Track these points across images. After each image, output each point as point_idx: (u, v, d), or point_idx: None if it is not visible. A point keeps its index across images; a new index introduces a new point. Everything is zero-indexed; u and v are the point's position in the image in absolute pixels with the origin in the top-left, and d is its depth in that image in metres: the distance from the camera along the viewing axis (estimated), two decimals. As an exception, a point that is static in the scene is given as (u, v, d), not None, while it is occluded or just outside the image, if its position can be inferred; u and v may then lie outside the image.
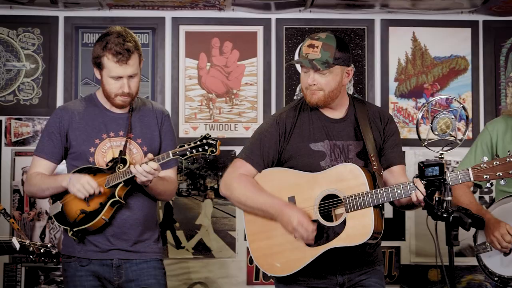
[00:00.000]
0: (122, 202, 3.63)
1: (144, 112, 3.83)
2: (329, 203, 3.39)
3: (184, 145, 3.53)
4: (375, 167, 3.41)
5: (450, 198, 2.95)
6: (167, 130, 3.86)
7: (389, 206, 3.63)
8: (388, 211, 4.97)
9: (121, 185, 3.60)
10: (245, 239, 5.10)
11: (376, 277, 3.53)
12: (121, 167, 3.61)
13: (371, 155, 3.43)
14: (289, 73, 5.20)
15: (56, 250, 3.57)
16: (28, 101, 5.13)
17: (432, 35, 5.26)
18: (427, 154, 4.40)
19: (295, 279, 3.47)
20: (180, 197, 5.13)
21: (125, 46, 3.61)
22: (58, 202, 3.71)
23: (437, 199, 2.97)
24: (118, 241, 3.69)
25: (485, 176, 3.22)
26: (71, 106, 3.84)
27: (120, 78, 3.64)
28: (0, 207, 4.38)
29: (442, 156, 2.96)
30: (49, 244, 3.59)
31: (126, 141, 3.72)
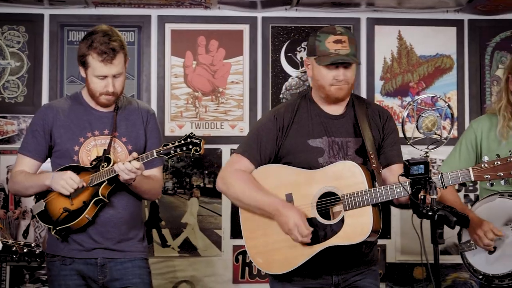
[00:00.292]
0: (106, 200, 3.62)
1: (129, 110, 3.81)
2: (327, 201, 3.36)
3: (168, 144, 3.52)
4: (374, 165, 3.38)
5: (435, 196, 2.95)
6: (152, 129, 3.84)
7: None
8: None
9: (105, 183, 3.59)
10: (231, 237, 5.11)
11: (371, 278, 3.52)
12: (105, 166, 3.60)
13: (370, 153, 3.40)
14: (275, 71, 5.19)
15: (40, 249, 3.54)
16: (13, 99, 5.10)
17: (417, 34, 5.26)
18: (412, 152, 4.40)
19: (289, 278, 3.44)
20: (166, 195, 5.12)
21: (111, 45, 3.60)
22: (41, 201, 3.69)
23: (422, 197, 2.97)
24: (102, 239, 3.67)
25: (486, 176, 3.22)
26: (56, 104, 3.82)
27: (105, 77, 3.63)
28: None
29: (428, 154, 2.96)
30: (33, 243, 3.57)
31: (110, 140, 3.70)
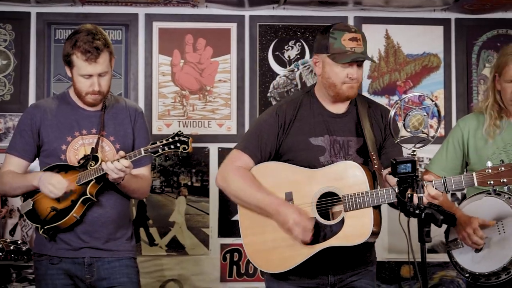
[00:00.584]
0: (94, 199, 3.61)
1: (117, 109, 3.80)
2: (328, 201, 3.34)
3: (156, 143, 3.52)
4: (375, 166, 3.35)
5: (422, 194, 2.95)
6: (140, 128, 3.83)
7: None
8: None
9: (92, 182, 3.58)
10: (219, 236, 5.11)
11: (368, 278, 3.50)
12: (92, 164, 3.59)
13: (372, 153, 3.38)
14: (263, 70, 5.19)
15: (27, 247, 3.55)
16: (0, 98, 5.08)
17: (405, 33, 5.27)
18: (400, 151, 4.41)
19: (286, 277, 3.42)
20: (154, 194, 5.10)
21: (94, 44, 3.59)
22: (29, 200, 3.68)
23: (409, 195, 2.96)
24: (90, 239, 3.66)
25: (489, 182, 3.21)
26: (43, 103, 3.81)
27: (90, 76, 3.62)
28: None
29: (415, 153, 2.96)
30: (20, 241, 3.57)
31: (98, 139, 3.69)
